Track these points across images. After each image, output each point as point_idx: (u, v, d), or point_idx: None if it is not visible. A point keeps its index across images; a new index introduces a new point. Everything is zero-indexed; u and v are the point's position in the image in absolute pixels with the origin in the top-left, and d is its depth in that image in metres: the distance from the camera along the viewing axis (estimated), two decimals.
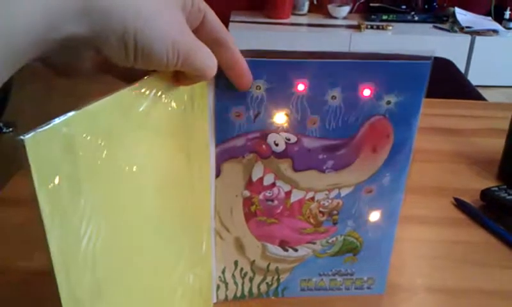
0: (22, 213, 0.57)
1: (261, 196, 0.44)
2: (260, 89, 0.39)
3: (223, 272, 0.48)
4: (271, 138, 0.41)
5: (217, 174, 0.43)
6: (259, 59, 0.38)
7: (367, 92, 0.40)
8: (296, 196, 0.44)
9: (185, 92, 0.36)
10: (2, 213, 0.63)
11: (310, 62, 0.38)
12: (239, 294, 0.50)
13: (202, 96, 0.39)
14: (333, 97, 0.40)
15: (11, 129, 2.26)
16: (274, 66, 0.38)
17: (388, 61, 0.39)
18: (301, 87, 0.39)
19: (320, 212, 0.45)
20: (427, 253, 0.58)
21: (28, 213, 0.60)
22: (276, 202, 0.44)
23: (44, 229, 0.23)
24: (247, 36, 2.85)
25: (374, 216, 0.46)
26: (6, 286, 0.51)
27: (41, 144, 0.22)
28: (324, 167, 0.43)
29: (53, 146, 0.23)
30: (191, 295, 0.44)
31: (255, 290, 0.49)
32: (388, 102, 0.41)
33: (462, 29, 2.97)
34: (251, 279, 0.49)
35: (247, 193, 0.44)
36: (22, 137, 0.21)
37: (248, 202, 0.44)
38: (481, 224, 0.62)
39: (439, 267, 0.56)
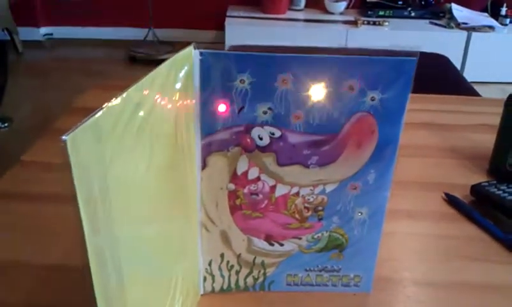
0: (14, 207, 0.57)
1: (246, 190, 0.44)
2: (244, 82, 0.39)
3: (210, 264, 0.48)
4: (255, 132, 0.41)
5: (203, 167, 0.43)
6: (243, 52, 0.38)
7: (351, 88, 0.40)
8: (281, 190, 0.44)
9: (177, 90, 0.36)
10: None
11: (293, 57, 0.38)
12: (225, 287, 0.50)
13: (189, 89, 0.39)
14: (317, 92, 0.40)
15: (6, 124, 2.26)
16: (258, 60, 0.38)
17: (371, 57, 0.39)
18: (284, 81, 0.39)
19: (305, 207, 0.45)
20: (416, 247, 0.59)
21: (21, 207, 0.60)
22: (260, 196, 0.45)
23: (82, 230, 0.24)
24: (243, 31, 2.84)
25: (359, 213, 0.46)
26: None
27: (79, 143, 0.23)
28: (309, 163, 0.43)
29: (87, 147, 0.24)
30: (186, 286, 0.45)
31: (241, 283, 0.50)
32: (373, 99, 0.41)
33: (458, 25, 2.97)
34: (237, 272, 0.49)
35: (232, 186, 0.44)
36: (64, 137, 0.21)
37: (232, 195, 0.45)
38: (471, 219, 0.63)
39: (428, 260, 0.56)
